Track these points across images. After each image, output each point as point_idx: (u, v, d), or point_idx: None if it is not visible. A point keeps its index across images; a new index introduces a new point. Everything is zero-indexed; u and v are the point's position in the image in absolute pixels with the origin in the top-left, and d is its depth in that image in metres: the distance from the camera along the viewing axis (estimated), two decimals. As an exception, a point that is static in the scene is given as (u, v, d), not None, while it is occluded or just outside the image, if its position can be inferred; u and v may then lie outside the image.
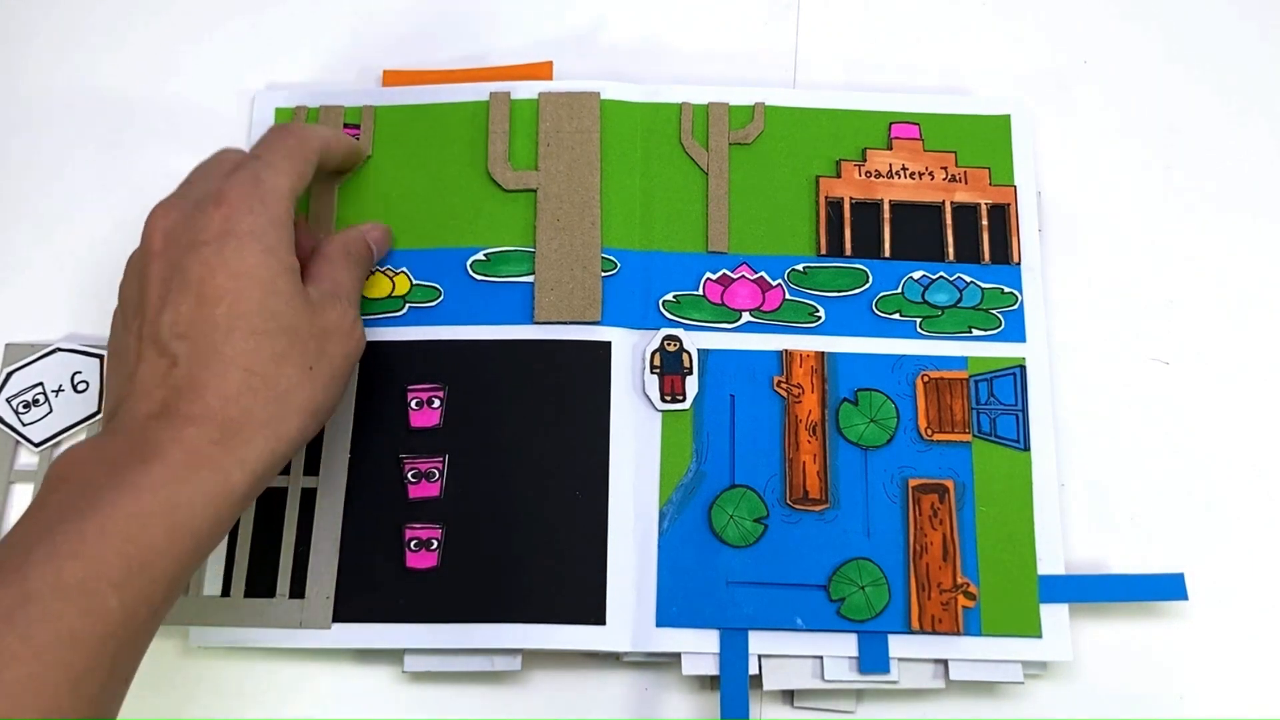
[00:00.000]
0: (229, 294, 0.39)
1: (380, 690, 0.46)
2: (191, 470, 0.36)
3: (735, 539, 0.46)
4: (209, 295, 0.38)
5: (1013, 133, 0.51)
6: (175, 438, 0.37)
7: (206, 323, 0.38)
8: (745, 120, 0.51)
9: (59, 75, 0.55)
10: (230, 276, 0.39)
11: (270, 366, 0.39)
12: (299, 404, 0.39)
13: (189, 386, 0.38)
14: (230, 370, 0.38)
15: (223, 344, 0.38)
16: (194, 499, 0.36)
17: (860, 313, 0.49)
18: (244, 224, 0.40)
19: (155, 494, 0.35)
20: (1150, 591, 0.46)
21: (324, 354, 0.41)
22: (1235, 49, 0.55)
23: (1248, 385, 0.50)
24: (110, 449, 0.37)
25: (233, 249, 0.39)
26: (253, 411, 0.38)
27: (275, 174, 0.42)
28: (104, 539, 0.34)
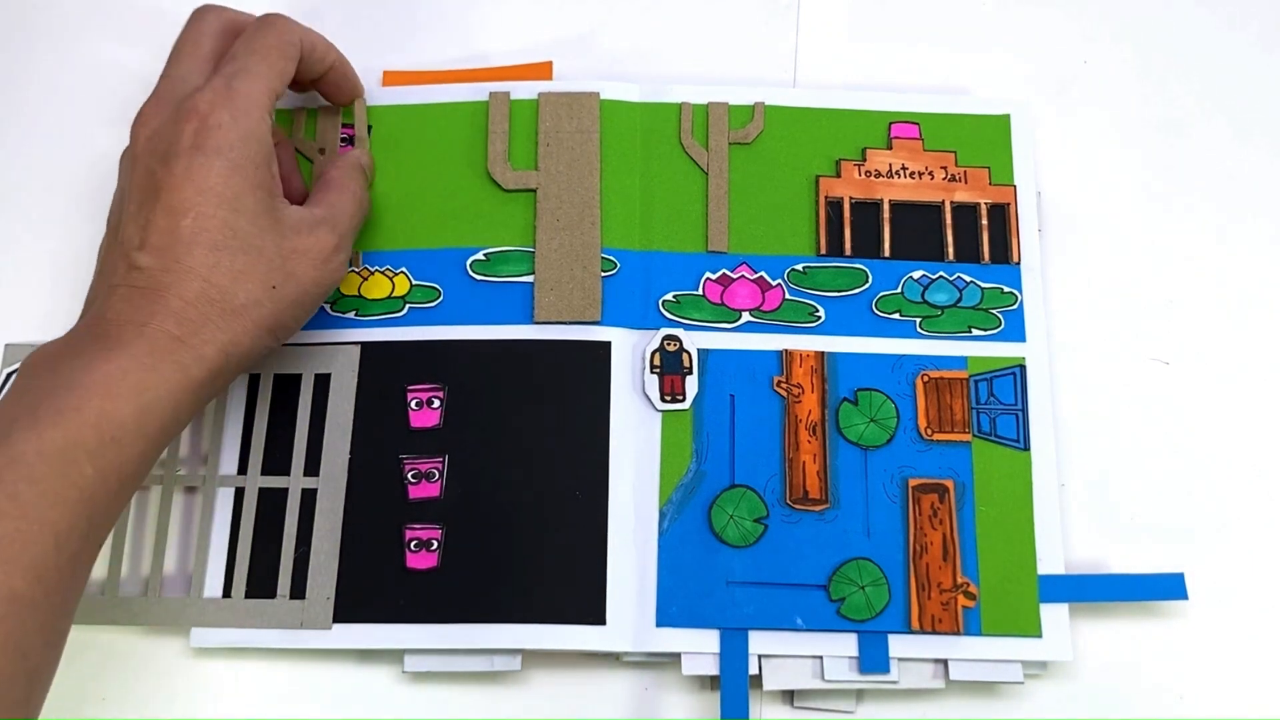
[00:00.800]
0: (195, 208, 0.40)
1: (380, 690, 0.46)
2: (155, 359, 0.39)
3: (735, 539, 0.46)
4: (175, 207, 0.40)
5: (1012, 132, 0.51)
6: (139, 332, 0.39)
7: (171, 233, 0.40)
8: (745, 120, 0.51)
9: (60, 75, 0.55)
10: (196, 191, 0.40)
11: (227, 280, 0.40)
12: (256, 318, 0.41)
13: (151, 288, 0.40)
14: (190, 277, 0.40)
15: (185, 254, 0.40)
16: (157, 385, 0.38)
17: (860, 312, 0.49)
18: (214, 139, 0.41)
19: (124, 378, 0.38)
20: (1150, 591, 0.46)
21: (291, 275, 0.42)
22: (1235, 49, 0.55)
23: (1248, 385, 0.50)
24: (78, 342, 0.39)
25: (200, 164, 0.41)
26: (209, 316, 0.40)
27: (251, 80, 0.43)
28: (79, 413, 0.37)
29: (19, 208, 0.52)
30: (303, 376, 0.48)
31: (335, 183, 0.47)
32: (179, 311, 0.40)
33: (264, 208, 0.42)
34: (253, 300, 0.41)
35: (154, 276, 0.40)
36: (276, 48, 0.44)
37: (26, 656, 0.35)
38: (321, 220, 0.44)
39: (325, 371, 0.48)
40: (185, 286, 0.40)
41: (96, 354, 0.38)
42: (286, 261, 0.42)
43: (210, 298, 0.40)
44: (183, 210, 0.40)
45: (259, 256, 0.41)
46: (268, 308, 0.42)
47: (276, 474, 0.47)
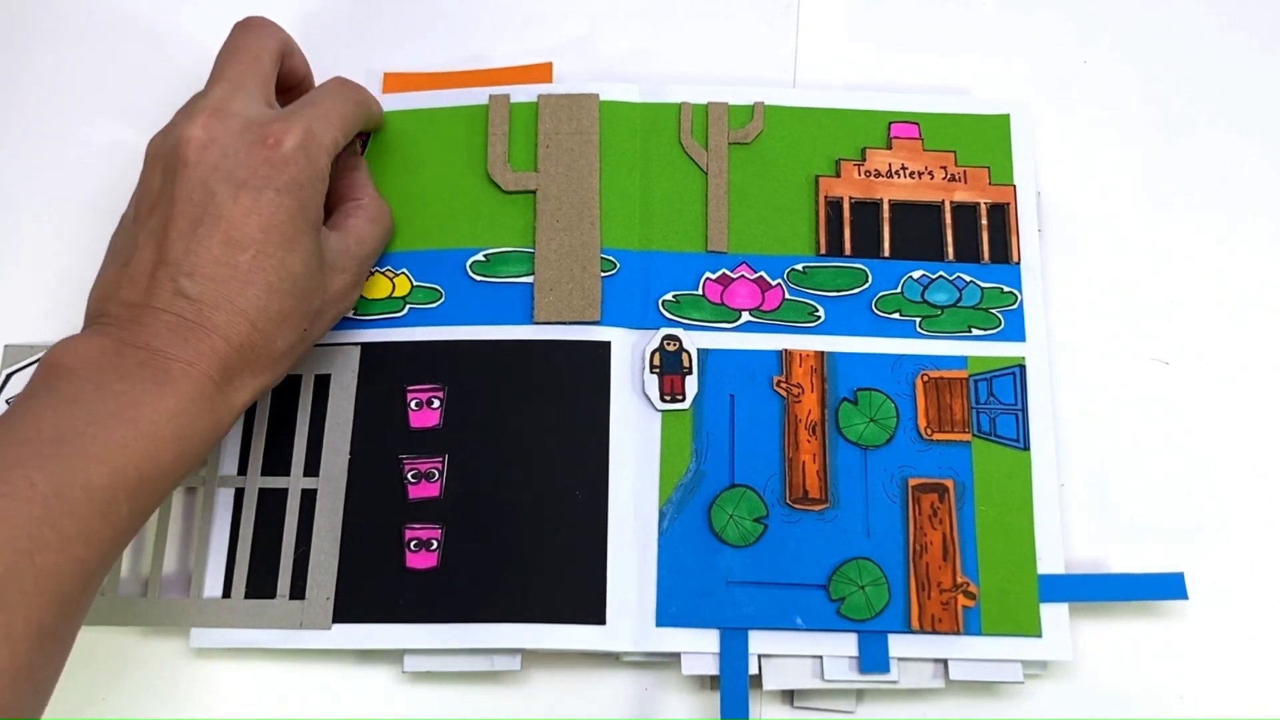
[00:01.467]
0: (255, 245, 0.40)
1: (380, 690, 0.46)
2: (197, 404, 0.39)
3: (735, 539, 0.46)
4: (237, 240, 0.40)
5: (1012, 132, 0.51)
6: (187, 371, 0.39)
7: (228, 267, 0.40)
8: (745, 120, 0.51)
9: (57, 77, 0.55)
10: (260, 228, 0.40)
11: (272, 325, 0.40)
12: (285, 360, 0.42)
13: (199, 324, 0.39)
14: (239, 322, 0.40)
15: (238, 295, 0.40)
16: (195, 433, 0.39)
17: (860, 312, 0.49)
18: (287, 175, 0.41)
19: (170, 421, 0.38)
20: (1150, 591, 0.46)
21: (320, 317, 0.43)
22: (1235, 49, 0.55)
23: (1248, 385, 0.50)
24: (124, 365, 0.38)
25: (270, 199, 0.40)
26: (250, 363, 0.40)
27: (327, 128, 0.43)
28: (127, 453, 0.37)
29: (19, 208, 0.52)
30: (303, 377, 0.48)
31: (355, 206, 0.47)
32: (224, 356, 0.39)
33: (315, 248, 0.42)
34: (287, 345, 0.42)
35: (203, 313, 0.39)
36: (352, 108, 0.45)
37: (40, 687, 0.35)
38: (349, 254, 0.44)
39: (325, 372, 0.48)
40: (234, 330, 0.40)
41: (147, 388, 0.38)
42: (320, 302, 0.43)
43: (254, 344, 0.40)
44: (244, 245, 0.40)
45: (302, 300, 0.42)
46: (298, 350, 0.43)
47: (276, 474, 0.47)
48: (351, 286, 0.45)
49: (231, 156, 0.41)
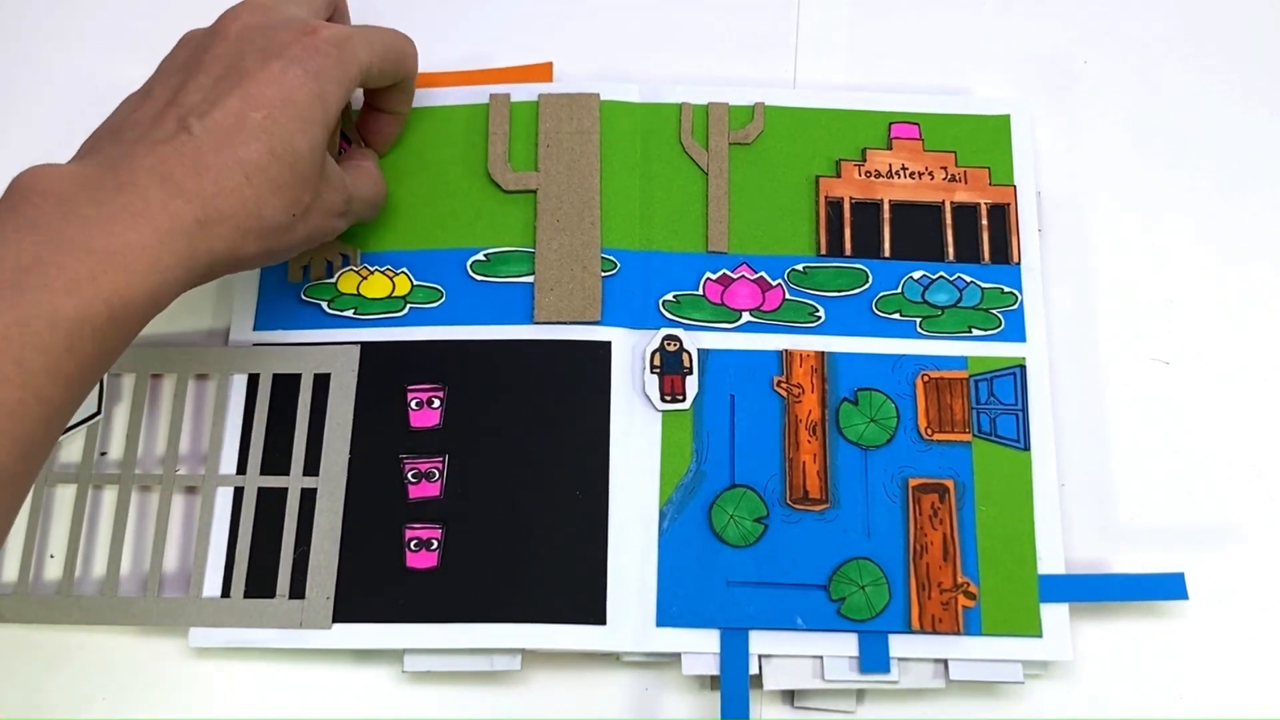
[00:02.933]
0: (271, 108, 0.39)
1: (380, 690, 0.45)
2: (174, 239, 0.37)
3: (735, 539, 0.46)
4: (254, 98, 0.39)
5: (1012, 133, 0.51)
6: (164, 204, 0.37)
7: (239, 118, 0.39)
8: (745, 120, 0.51)
9: (59, 76, 0.55)
10: (281, 97, 0.40)
11: (267, 189, 0.39)
12: (267, 232, 0.40)
13: (195, 160, 0.38)
14: (236, 171, 0.39)
15: (241, 146, 0.39)
16: (170, 268, 0.37)
17: (860, 313, 0.49)
18: (317, 61, 0.41)
19: (142, 254, 0.36)
20: (1150, 591, 0.46)
21: (308, 214, 0.42)
22: (1235, 49, 0.55)
23: (1248, 385, 0.50)
24: (97, 181, 0.37)
25: (295, 75, 0.40)
26: (234, 214, 0.39)
27: (366, 45, 0.43)
28: (95, 284, 0.35)
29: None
30: (302, 376, 0.48)
31: (366, 169, 0.47)
32: (211, 198, 0.38)
33: (321, 145, 0.41)
34: (275, 222, 0.40)
35: (202, 151, 0.38)
36: (396, 46, 0.46)
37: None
38: (345, 185, 0.44)
39: (325, 371, 0.48)
40: (228, 177, 0.38)
41: (119, 212, 0.36)
42: (313, 200, 0.42)
43: (245, 198, 0.39)
44: (260, 104, 0.39)
45: (298, 182, 0.41)
46: (278, 233, 0.41)
47: (276, 474, 0.47)
48: (340, 210, 0.44)
49: (270, 32, 0.41)
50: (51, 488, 0.47)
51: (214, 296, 0.50)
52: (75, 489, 0.47)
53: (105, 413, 0.48)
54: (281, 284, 0.49)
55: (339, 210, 0.44)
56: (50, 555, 0.47)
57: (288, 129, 0.40)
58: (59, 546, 0.47)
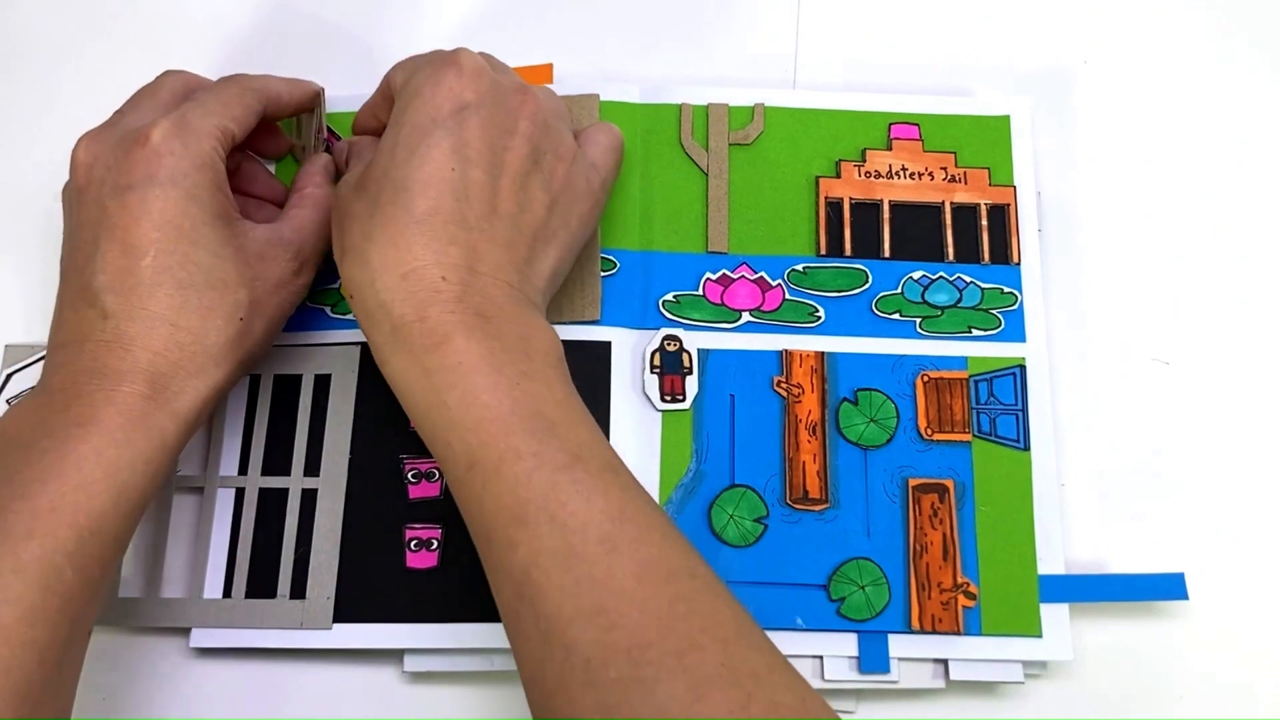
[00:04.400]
0: (154, 244, 0.39)
1: (380, 690, 0.46)
2: (128, 432, 0.37)
3: (735, 539, 0.46)
4: (134, 245, 0.39)
5: (1012, 133, 0.51)
6: (109, 398, 0.38)
7: (132, 274, 0.39)
8: (745, 121, 0.51)
9: (57, 77, 0.55)
10: (154, 226, 0.39)
11: (197, 320, 0.39)
12: (227, 354, 0.40)
13: (118, 341, 0.38)
14: (158, 325, 0.39)
15: (149, 298, 0.39)
16: (134, 460, 0.37)
17: (860, 313, 0.49)
18: (166, 167, 0.39)
19: (97, 461, 0.36)
20: (1150, 591, 0.46)
21: (257, 306, 0.41)
22: (1235, 49, 0.55)
23: (1248, 385, 0.50)
24: (48, 411, 0.38)
25: (155, 196, 0.39)
26: (181, 364, 0.39)
27: (204, 114, 0.41)
28: (55, 515, 0.35)
29: (19, 208, 0.52)
30: (303, 377, 0.48)
31: (299, 196, 0.45)
32: (148, 366, 0.38)
33: (223, 237, 0.41)
34: (224, 338, 0.40)
35: (120, 326, 0.38)
36: (236, 95, 0.43)
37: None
38: (282, 242, 0.43)
39: (325, 372, 0.48)
40: (153, 336, 0.39)
41: (68, 432, 0.37)
42: (252, 290, 0.41)
43: (180, 342, 0.39)
44: (142, 248, 0.39)
45: (225, 290, 0.40)
46: (238, 342, 0.41)
47: (277, 474, 0.47)
48: (293, 273, 0.43)
49: (113, 166, 0.40)
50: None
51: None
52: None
53: (106, 413, 0.48)
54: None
55: (291, 272, 0.43)
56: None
57: (179, 252, 0.39)
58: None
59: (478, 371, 0.37)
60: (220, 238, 0.40)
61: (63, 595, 0.35)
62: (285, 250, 0.43)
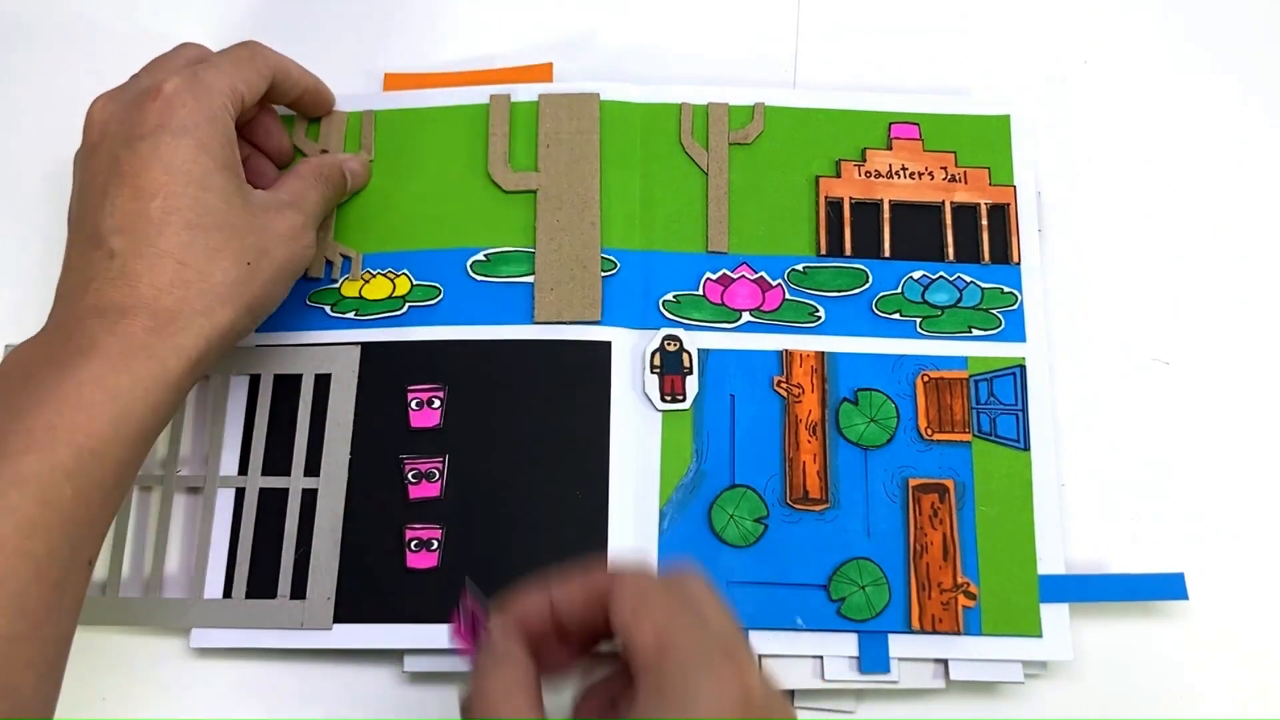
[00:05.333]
0: (163, 188, 0.40)
1: (380, 690, 0.46)
2: (129, 359, 0.38)
3: (735, 539, 0.46)
4: (144, 188, 0.40)
5: (1012, 133, 0.51)
6: (111, 329, 0.38)
7: (141, 216, 0.39)
8: (745, 120, 0.51)
9: (58, 78, 0.55)
10: (164, 170, 0.40)
11: (204, 259, 0.40)
12: (233, 296, 0.40)
13: (123, 277, 0.39)
14: (164, 261, 0.39)
15: (156, 237, 0.39)
16: (134, 387, 0.37)
17: (860, 313, 0.49)
18: (178, 118, 0.40)
19: (97, 385, 0.37)
20: (1150, 591, 0.46)
21: (265, 253, 0.42)
22: (1235, 49, 0.55)
23: (1248, 385, 0.50)
24: (49, 344, 0.38)
25: (167, 144, 0.40)
26: (187, 300, 0.39)
27: (217, 73, 0.43)
28: (53, 432, 0.36)
29: (19, 208, 0.52)
30: (303, 377, 0.48)
31: (296, 173, 0.46)
32: (152, 301, 0.39)
33: (233, 186, 0.41)
34: (230, 278, 0.40)
35: (126, 264, 0.39)
36: (248, 59, 0.45)
37: (17, 692, 0.34)
38: (287, 203, 0.44)
39: (325, 371, 0.48)
40: (159, 272, 0.39)
41: (68, 360, 0.37)
42: (260, 238, 0.42)
43: (186, 280, 0.39)
44: (151, 191, 0.40)
45: (233, 233, 0.41)
46: (245, 285, 0.41)
47: (277, 474, 0.47)
48: (300, 227, 0.44)
49: (125, 120, 0.41)
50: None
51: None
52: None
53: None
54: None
55: (299, 224, 0.44)
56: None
57: (189, 194, 0.40)
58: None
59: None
60: (230, 186, 0.41)
61: (61, 512, 0.35)
62: (288, 207, 0.44)
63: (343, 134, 0.51)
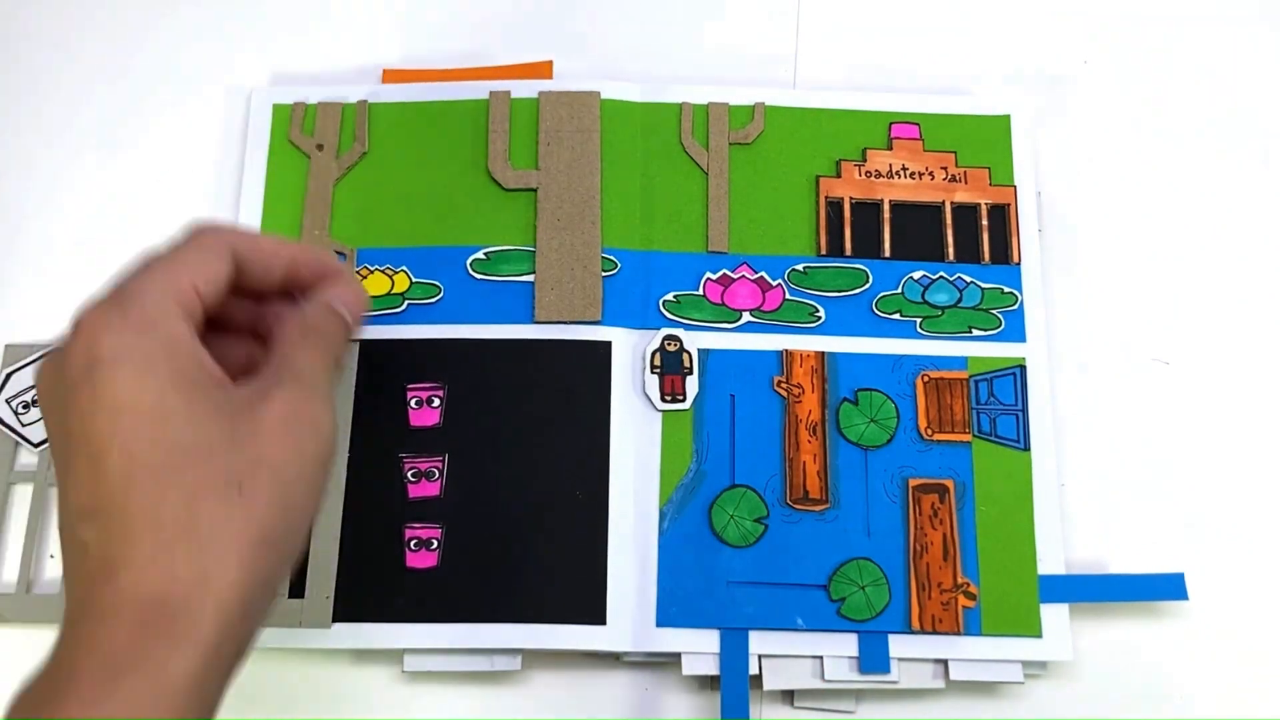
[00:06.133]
0: (115, 437, 0.31)
1: (380, 690, 0.45)
2: (113, 683, 0.29)
3: (735, 539, 0.46)
4: (97, 447, 0.31)
5: (1012, 133, 0.51)
6: (88, 648, 0.29)
7: (103, 483, 0.31)
8: (745, 120, 0.51)
9: (58, 75, 0.55)
10: (109, 416, 0.31)
11: (181, 509, 0.31)
12: (231, 539, 0.31)
13: (101, 570, 0.30)
14: (137, 531, 0.30)
15: (124, 503, 0.30)
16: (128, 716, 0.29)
17: (860, 313, 0.49)
18: (106, 347, 0.31)
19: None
20: (1150, 591, 0.46)
21: (259, 463, 0.32)
22: (1235, 49, 0.55)
23: (1248, 385, 0.50)
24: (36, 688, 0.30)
25: (103, 380, 0.31)
26: (173, 571, 0.30)
27: (145, 278, 0.33)
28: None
29: (19, 207, 0.52)
30: (302, 376, 0.47)
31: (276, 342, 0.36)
32: (133, 589, 0.30)
33: (197, 401, 0.32)
34: (220, 519, 0.31)
35: (101, 550, 0.30)
36: (192, 244, 0.35)
37: None
38: (271, 384, 0.34)
39: (325, 371, 0.48)
40: (135, 548, 0.30)
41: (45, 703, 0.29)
42: (246, 449, 0.32)
43: (166, 543, 0.30)
44: (104, 447, 0.31)
45: (209, 458, 0.31)
46: (242, 519, 0.31)
47: (276, 473, 0.46)
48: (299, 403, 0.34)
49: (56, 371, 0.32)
50: (52, 488, 0.47)
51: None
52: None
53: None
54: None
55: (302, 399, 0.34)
56: (50, 555, 0.47)
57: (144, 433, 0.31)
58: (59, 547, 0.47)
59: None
60: (193, 403, 0.32)
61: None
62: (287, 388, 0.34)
63: (338, 126, 0.51)
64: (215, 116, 0.53)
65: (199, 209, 0.51)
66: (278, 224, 0.50)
